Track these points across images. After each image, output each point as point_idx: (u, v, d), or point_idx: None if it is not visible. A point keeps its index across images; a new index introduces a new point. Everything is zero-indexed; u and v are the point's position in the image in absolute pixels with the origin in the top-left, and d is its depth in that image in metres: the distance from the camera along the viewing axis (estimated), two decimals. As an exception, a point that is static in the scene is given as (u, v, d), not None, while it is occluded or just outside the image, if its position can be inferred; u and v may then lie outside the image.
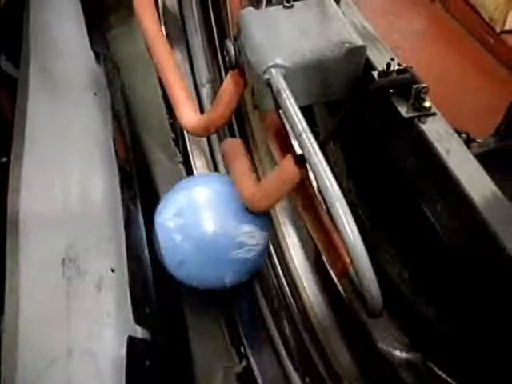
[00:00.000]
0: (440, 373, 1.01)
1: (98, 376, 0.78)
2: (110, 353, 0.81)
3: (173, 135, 1.54)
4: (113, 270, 0.92)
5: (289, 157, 0.90)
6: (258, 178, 1.09)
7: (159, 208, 1.16)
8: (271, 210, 1.34)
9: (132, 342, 0.84)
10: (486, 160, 0.80)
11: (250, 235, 1.10)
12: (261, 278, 1.31)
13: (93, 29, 1.42)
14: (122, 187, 1.09)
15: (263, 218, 1.13)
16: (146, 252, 1.10)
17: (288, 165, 0.90)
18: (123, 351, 0.82)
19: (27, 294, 0.84)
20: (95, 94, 1.25)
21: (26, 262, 0.87)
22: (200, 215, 1.11)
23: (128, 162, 1.21)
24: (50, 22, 1.38)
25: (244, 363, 1.14)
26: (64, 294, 0.86)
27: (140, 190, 1.19)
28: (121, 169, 1.12)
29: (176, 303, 1.20)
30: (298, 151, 0.87)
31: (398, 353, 1.09)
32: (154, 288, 1.04)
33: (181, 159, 1.51)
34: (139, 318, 0.89)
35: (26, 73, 1.19)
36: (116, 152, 1.15)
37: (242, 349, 1.17)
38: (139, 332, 0.88)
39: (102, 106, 1.23)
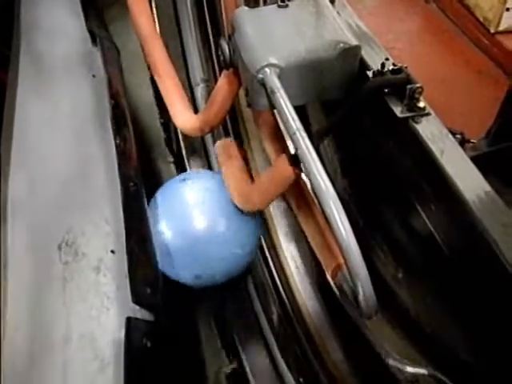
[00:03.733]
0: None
1: (96, 360, 0.77)
2: (109, 336, 0.80)
3: (164, 135, 1.53)
4: (113, 252, 0.91)
5: (283, 156, 0.90)
6: (252, 178, 1.09)
7: (149, 207, 1.16)
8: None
9: (131, 322, 0.83)
10: (480, 162, 0.80)
11: None
12: (254, 277, 1.31)
13: (89, 8, 1.40)
14: (120, 166, 1.07)
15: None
16: (151, 233, 1.08)
17: (282, 164, 0.90)
18: (122, 334, 0.81)
19: (23, 280, 0.83)
20: (94, 76, 1.23)
21: (20, 247, 0.86)
22: (185, 213, 1.12)
23: (127, 140, 1.18)
24: (44, 2, 1.36)
25: (234, 364, 1.13)
26: (60, 278, 0.85)
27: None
28: (119, 148, 1.10)
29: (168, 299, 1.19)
30: (292, 150, 0.87)
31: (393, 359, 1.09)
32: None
33: (172, 159, 1.50)
34: (139, 299, 0.88)
35: (17, 55, 1.17)
36: (114, 131, 1.13)
37: (235, 349, 1.17)
38: (139, 313, 0.87)
39: (99, 87, 1.21)
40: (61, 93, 1.17)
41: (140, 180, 1.11)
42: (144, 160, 1.44)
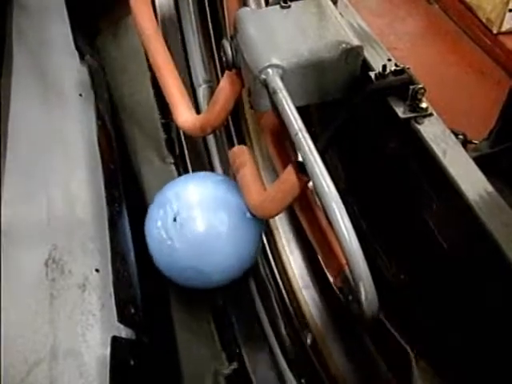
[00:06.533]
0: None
1: (81, 378, 0.78)
2: (94, 354, 0.81)
3: (165, 136, 1.53)
4: (97, 270, 0.92)
5: (289, 168, 0.90)
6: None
7: (150, 209, 1.16)
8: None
9: (116, 341, 0.84)
10: (482, 163, 0.80)
11: None
12: (256, 277, 1.31)
13: (77, 27, 1.41)
14: (106, 187, 1.08)
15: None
16: (132, 252, 1.09)
17: (289, 176, 0.90)
18: (107, 351, 0.82)
19: (9, 296, 0.83)
20: (80, 94, 1.24)
21: (8, 264, 0.87)
22: (189, 214, 1.12)
23: (113, 161, 1.20)
24: (33, 20, 1.36)
25: (234, 365, 1.13)
26: (47, 295, 0.85)
27: (130, 190, 1.18)
28: (105, 169, 1.12)
29: (164, 303, 1.19)
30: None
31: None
32: (141, 287, 1.04)
33: (172, 160, 1.50)
34: (124, 318, 0.89)
35: (8, 73, 1.18)
36: (101, 152, 1.15)
37: (237, 349, 1.17)
38: (123, 332, 0.87)
39: (86, 107, 1.23)
40: (52, 111, 1.18)
41: (123, 201, 1.13)
42: (144, 161, 1.45)
